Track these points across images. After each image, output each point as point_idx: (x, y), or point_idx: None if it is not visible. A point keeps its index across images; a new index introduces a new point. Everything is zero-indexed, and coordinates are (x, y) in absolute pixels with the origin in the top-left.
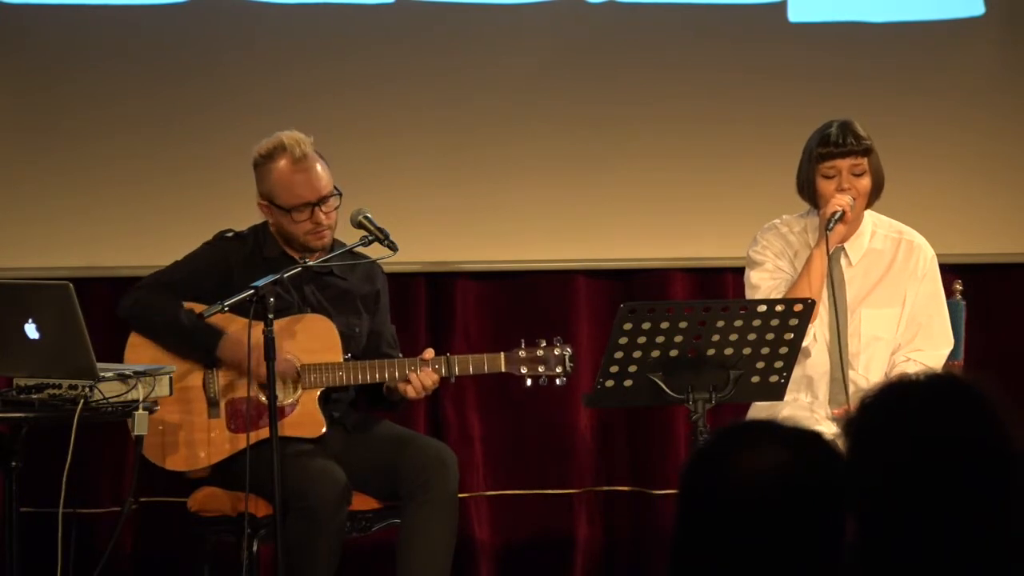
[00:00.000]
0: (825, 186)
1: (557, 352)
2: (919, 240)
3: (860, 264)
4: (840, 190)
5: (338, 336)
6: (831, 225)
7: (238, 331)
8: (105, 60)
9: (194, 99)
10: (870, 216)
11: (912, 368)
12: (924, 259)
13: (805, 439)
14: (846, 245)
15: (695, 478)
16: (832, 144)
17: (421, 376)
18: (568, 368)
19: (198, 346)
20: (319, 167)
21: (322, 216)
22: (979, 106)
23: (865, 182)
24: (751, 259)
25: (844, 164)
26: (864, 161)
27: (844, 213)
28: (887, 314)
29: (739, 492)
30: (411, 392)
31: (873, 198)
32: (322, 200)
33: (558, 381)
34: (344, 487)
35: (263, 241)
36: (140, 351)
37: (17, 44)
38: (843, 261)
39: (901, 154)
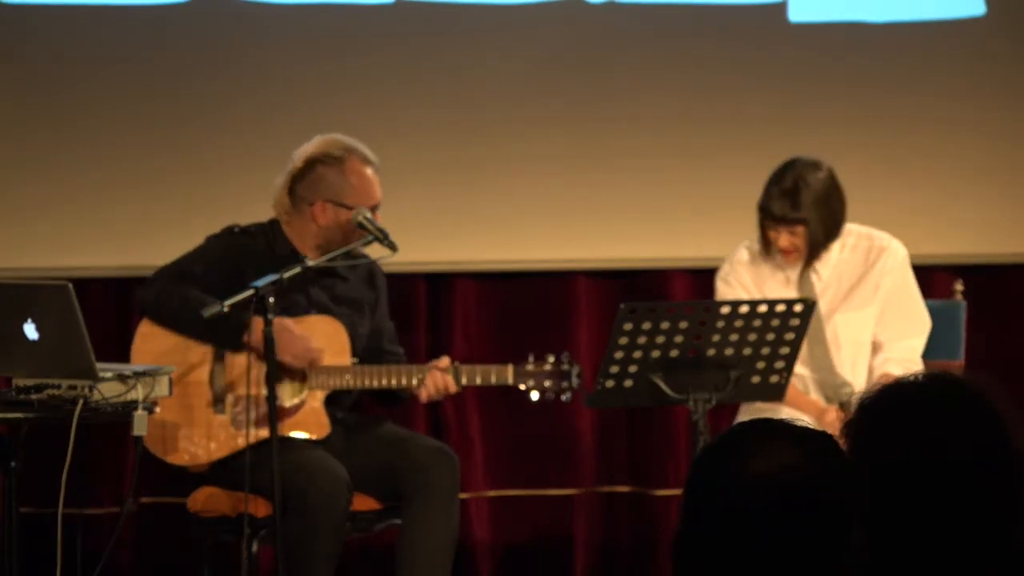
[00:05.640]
0: (770, 235)
1: (565, 368)
2: (888, 242)
3: (831, 277)
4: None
5: (347, 339)
6: None
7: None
8: (105, 60)
9: (194, 99)
10: None
11: (892, 368)
12: (893, 258)
13: (816, 440)
14: (816, 264)
15: (704, 477)
16: (767, 214)
17: (437, 378)
18: (575, 384)
19: (227, 331)
20: None
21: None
22: (979, 106)
23: (799, 241)
24: (722, 277)
25: (781, 229)
26: (800, 229)
27: None
28: (864, 315)
29: (749, 492)
30: (424, 394)
31: (824, 240)
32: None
33: (563, 397)
34: (346, 486)
35: (273, 239)
36: (151, 341)
37: (18, 44)
38: (813, 278)
39: (901, 154)
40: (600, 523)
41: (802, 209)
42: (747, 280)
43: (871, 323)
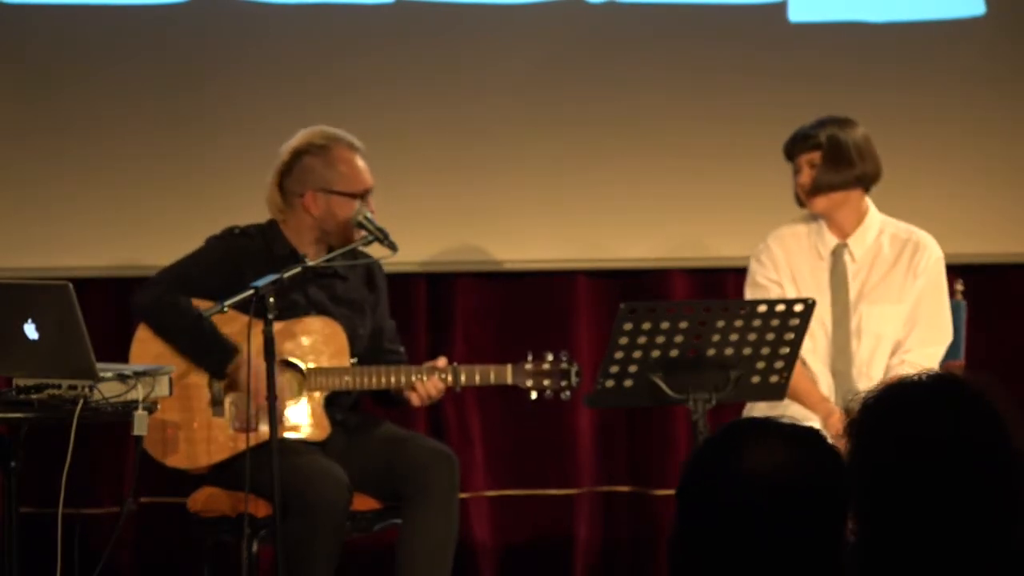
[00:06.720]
0: (797, 180)
1: (564, 367)
2: (926, 240)
3: (863, 261)
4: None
5: (346, 339)
6: None
7: (254, 356)
8: (105, 60)
9: (194, 100)
10: (879, 216)
11: (907, 370)
12: (928, 258)
13: (808, 438)
14: (849, 241)
15: (697, 474)
16: (788, 149)
17: (427, 385)
18: (574, 383)
19: (210, 360)
20: None
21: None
22: (979, 106)
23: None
24: (754, 255)
25: (802, 161)
26: (816, 156)
27: None
28: (889, 311)
29: (742, 490)
30: (416, 400)
31: (828, 178)
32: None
33: (562, 396)
34: (346, 487)
35: (272, 239)
36: (148, 345)
37: (18, 44)
38: (847, 257)
39: (901, 154)
40: (600, 523)
41: (818, 134)
42: (778, 256)
43: (895, 320)
